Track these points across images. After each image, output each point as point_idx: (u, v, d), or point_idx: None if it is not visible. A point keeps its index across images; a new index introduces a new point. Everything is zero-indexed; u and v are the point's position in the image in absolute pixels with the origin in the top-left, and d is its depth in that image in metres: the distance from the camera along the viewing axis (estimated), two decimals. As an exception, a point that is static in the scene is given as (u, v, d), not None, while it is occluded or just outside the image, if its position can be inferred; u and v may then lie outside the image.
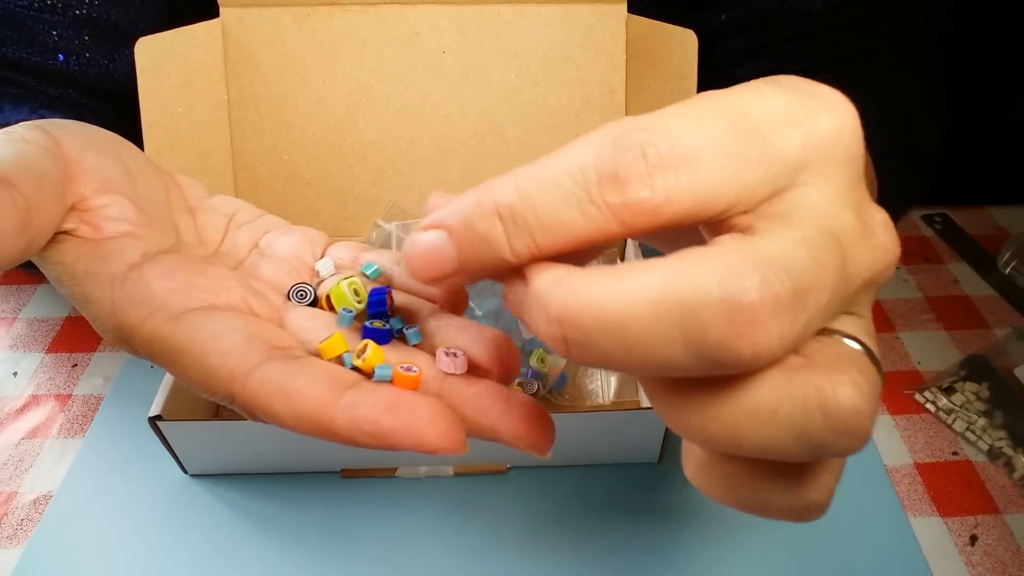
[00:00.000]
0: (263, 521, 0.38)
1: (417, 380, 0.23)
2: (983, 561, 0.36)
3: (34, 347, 0.47)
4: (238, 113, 0.43)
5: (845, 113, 0.18)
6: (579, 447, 0.39)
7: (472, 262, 0.18)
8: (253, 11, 0.41)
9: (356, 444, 0.21)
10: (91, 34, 0.43)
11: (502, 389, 0.23)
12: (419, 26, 0.42)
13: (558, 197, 0.17)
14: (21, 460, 0.41)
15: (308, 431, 0.21)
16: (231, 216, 0.29)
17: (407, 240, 0.19)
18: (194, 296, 0.23)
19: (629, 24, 0.42)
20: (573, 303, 0.16)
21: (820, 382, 0.16)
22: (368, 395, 0.21)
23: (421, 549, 0.36)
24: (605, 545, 0.37)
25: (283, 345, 0.23)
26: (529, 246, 0.17)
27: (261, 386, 0.21)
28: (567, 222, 0.17)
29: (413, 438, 0.20)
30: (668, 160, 0.16)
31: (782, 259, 0.15)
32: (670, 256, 0.16)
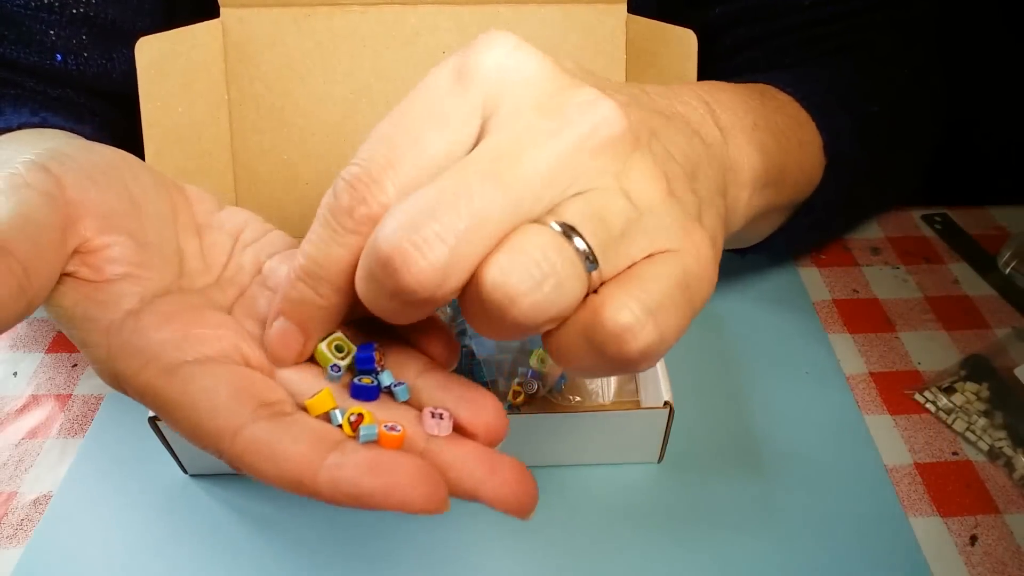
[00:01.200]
0: (263, 521, 0.38)
1: (401, 439, 0.23)
2: (983, 561, 0.36)
3: (34, 347, 0.47)
4: (238, 113, 0.43)
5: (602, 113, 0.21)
6: (579, 447, 0.39)
7: (310, 323, 0.23)
8: (253, 11, 0.41)
9: (338, 504, 0.21)
10: (89, 33, 0.43)
11: (487, 452, 0.23)
12: (419, 26, 0.42)
13: (323, 237, 0.22)
14: (21, 460, 0.41)
15: (292, 491, 0.22)
16: (237, 234, 0.29)
17: (264, 338, 0.24)
18: (187, 348, 0.24)
19: (629, 24, 0.42)
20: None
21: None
22: (350, 456, 0.21)
23: (421, 549, 0.37)
24: (605, 545, 0.37)
25: (272, 400, 0.24)
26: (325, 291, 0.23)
27: (248, 446, 0.22)
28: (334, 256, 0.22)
29: (393, 499, 0.21)
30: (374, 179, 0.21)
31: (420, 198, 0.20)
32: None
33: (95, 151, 0.27)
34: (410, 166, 0.21)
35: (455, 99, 0.21)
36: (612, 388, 0.42)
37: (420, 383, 0.26)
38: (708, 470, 0.40)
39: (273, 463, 0.21)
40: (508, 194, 0.19)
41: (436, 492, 0.21)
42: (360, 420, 0.23)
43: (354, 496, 0.21)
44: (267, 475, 0.21)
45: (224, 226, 0.29)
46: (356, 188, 0.21)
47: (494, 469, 0.23)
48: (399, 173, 0.21)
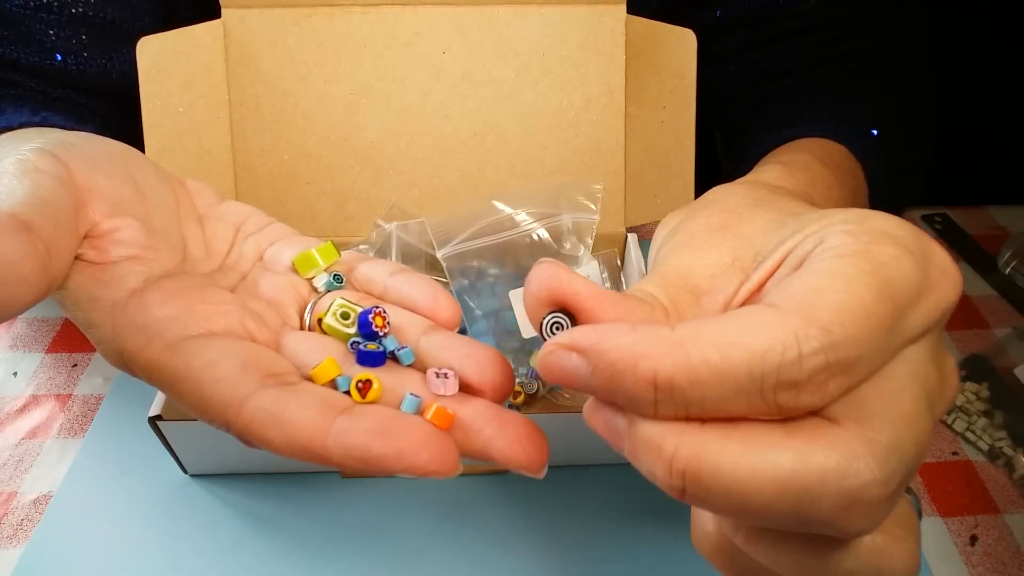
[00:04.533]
0: (263, 521, 0.38)
1: (451, 419, 0.23)
2: (983, 561, 0.36)
3: (34, 347, 0.47)
4: (239, 113, 0.43)
5: (956, 283, 0.19)
6: (579, 447, 0.39)
7: (604, 398, 0.19)
8: (254, 11, 0.41)
9: (350, 469, 0.21)
10: (88, 33, 0.43)
11: (495, 408, 0.23)
12: (419, 26, 0.42)
13: (730, 389, 0.16)
14: (21, 460, 0.41)
15: (302, 458, 0.21)
16: (239, 225, 0.29)
17: (548, 348, 0.19)
18: (192, 323, 0.23)
19: (629, 24, 0.42)
20: (701, 466, 0.17)
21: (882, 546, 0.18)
22: (359, 420, 0.21)
23: (421, 549, 0.36)
24: (605, 545, 0.37)
25: (278, 371, 0.23)
26: (677, 415, 0.17)
27: (255, 415, 0.21)
28: (729, 408, 0.17)
29: (404, 462, 0.21)
30: (843, 367, 0.17)
31: (897, 452, 0.17)
32: (793, 430, 0.17)
33: (99, 141, 0.27)
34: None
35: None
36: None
37: (424, 345, 0.25)
38: (708, 470, 0.40)
39: (281, 431, 0.21)
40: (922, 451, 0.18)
41: (446, 453, 0.21)
42: (368, 386, 0.23)
43: (364, 460, 0.21)
44: (276, 444, 0.21)
45: (225, 217, 0.29)
46: (830, 371, 0.16)
47: (503, 425, 0.22)
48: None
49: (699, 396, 0.17)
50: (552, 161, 0.44)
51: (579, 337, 0.18)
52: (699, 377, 0.16)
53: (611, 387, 0.17)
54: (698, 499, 0.17)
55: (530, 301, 0.21)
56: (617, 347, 0.17)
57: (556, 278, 0.20)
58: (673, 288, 0.22)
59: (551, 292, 0.21)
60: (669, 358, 0.17)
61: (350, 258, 0.29)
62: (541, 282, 0.21)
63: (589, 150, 0.44)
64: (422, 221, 0.42)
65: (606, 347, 0.17)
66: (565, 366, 0.18)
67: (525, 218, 0.42)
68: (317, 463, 0.21)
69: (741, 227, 0.23)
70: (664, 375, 0.17)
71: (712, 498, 0.17)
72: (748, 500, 0.16)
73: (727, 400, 0.17)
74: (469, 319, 0.42)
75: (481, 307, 0.42)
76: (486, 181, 0.44)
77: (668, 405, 0.17)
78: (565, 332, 0.19)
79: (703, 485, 0.17)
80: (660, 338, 0.17)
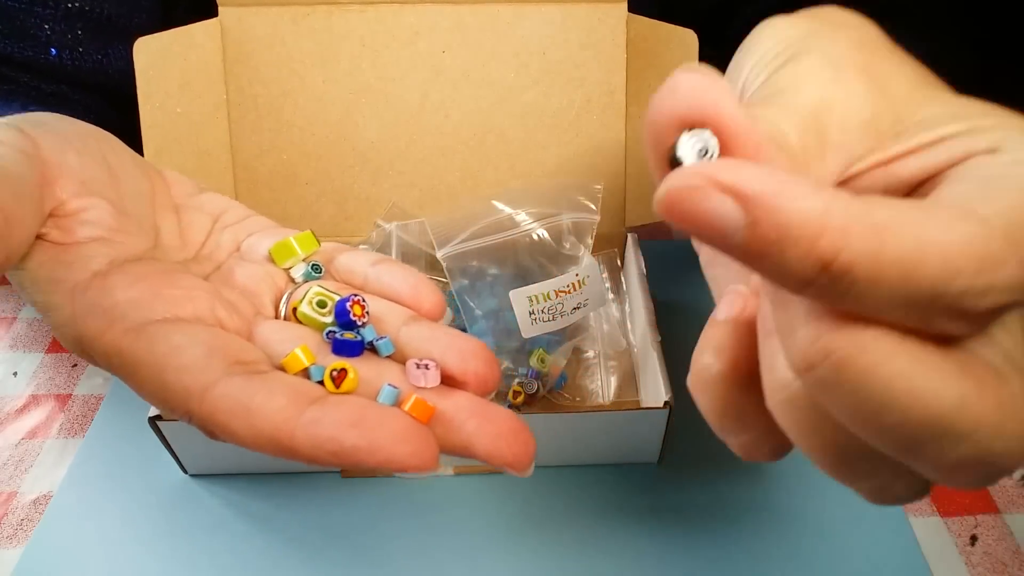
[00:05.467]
0: (263, 521, 0.38)
1: (432, 412, 0.21)
2: (983, 561, 0.36)
3: (34, 347, 0.47)
4: (237, 113, 0.42)
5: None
6: (579, 447, 0.39)
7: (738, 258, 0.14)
8: (252, 10, 0.41)
9: (319, 463, 0.19)
10: (84, 28, 0.43)
11: (479, 401, 0.22)
12: (419, 26, 0.42)
13: (904, 297, 0.14)
14: (21, 460, 0.41)
15: (268, 451, 0.20)
16: (218, 216, 0.28)
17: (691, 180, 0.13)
18: (158, 307, 0.22)
19: (629, 24, 0.42)
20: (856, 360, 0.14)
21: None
22: (332, 411, 0.20)
23: (421, 549, 0.37)
24: (605, 545, 0.37)
25: (247, 359, 0.22)
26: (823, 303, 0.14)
27: (219, 404, 0.20)
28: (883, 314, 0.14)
29: (379, 456, 0.19)
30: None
31: None
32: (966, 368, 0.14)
33: (71, 122, 0.26)
34: None
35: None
36: (612, 388, 0.42)
37: (405, 336, 0.24)
38: (708, 470, 0.40)
39: (247, 421, 0.19)
40: None
41: (425, 448, 0.20)
42: (343, 375, 0.21)
43: (335, 453, 0.19)
44: (241, 435, 0.20)
45: (204, 207, 0.28)
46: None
47: (487, 419, 0.21)
48: None
49: (867, 293, 0.13)
50: (552, 161, 0.44)
51: (746, 179, 0.13)
52: (884, 274, 0.13)
53: (764, 253, 0.13)
54: (823, 385, 0.14)
55: (660, 117, 0.15)
56: (800, 209, 0.13)
57: (703, 89, 0.15)
58: (806, 132, 0.18)
59: (693, 107, 0.15)
60: (861, 242, 0.13)
61: (330, 248, 0.28)
62: (683, 92, 0.15)
63: (589, 150, 0.44)
64: (422, 221, 0.42)
65: (785, 204, 0.13)
66: (710, 209, 0.13)
67: (525, 218, 0.42)
68: (285, 457, 0.20)
69: (885, 79, 0.20)
70: (846, 260, 0.13)
71: (842, 395, 0.14)
72: (884, 418, 0.14)
73: (890, 306, 0.14)
74: (469, 319, 0.42)
75: (481, 307, 0.42)
76: (486, 181, 0.44)
77: (825, 292, 0.14)
78: (719, 164, 0.14)
79: (843, 378, 0.14)
80: (857, 214, 0.13)
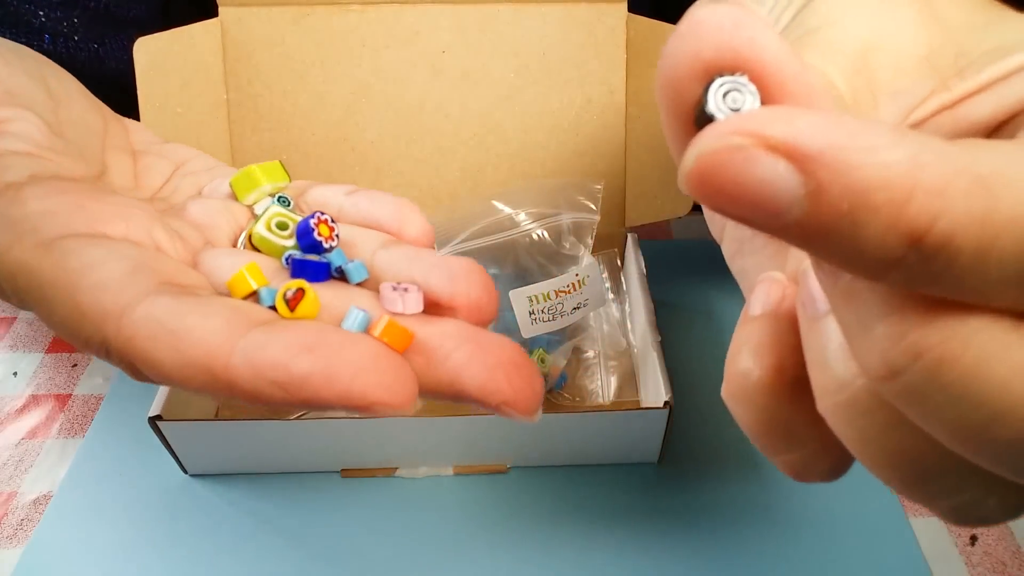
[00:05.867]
0: (263, 521, 0.38)
1: (411, 339, 0.17)
2: (983, 561, 0.36)
3: (34, 347, 0.47)
4: (237, 113, 0.42)
5: None
6: (579, 447, 0.39)
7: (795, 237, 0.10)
8: (252, 10, 0.41)
9: (261, 399, 0.15)
10: (80, 16, 0.42)
11: (470, 328, 0.18)
12: (419, 26, 0.42)
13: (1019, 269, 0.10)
14: (21, 460, 0.41)
15: (198, 384, 0.16)
16: (180, 164, 0.25)
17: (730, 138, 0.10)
18: (78, 221, 0.18)
19: (629, 24, 0.42)
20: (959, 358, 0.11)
21: None
22: (280, 333, 0.16)
23: (421, 549, 0.37)
24: (605, 545, 0.37)
25: (184, 283, 0.18)
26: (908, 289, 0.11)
27: (140, 327, 0.16)
28: (991, 296, 0.11)
29: (336, 385, 0.15)
30: None
31: None
32: None
33: (10, 42, 0.23)
34: None
35: None
36: (612, 388, 0.42)
37: (381, 260, 0.20)
38: (708, 470, 0.40)
39: (173, 346, 0.16)
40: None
41: (398, 378, 0.15)
42: (300, 296, 0.17)
43: (281, 384, 0.15)
44: (165, 365, 0.16)
45: (165, 154, 0.25)
46: None
47: (481, 347, 0.17)
48: None
49: (973, 271, 0.10)
50: (552, 161, 0.44)
51: (805, 129, 0.10)
52: (997, 244, 0.10)
53: (831, 230, 0.10)
54: (914, 394, 0.11)
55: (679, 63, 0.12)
56: (880, 164, 0.09)
57: (735, 23, 0.12)
58: (856, 77, 0.15)
59: (723, 48, 0.12)
60: (966, 202, 0.09)
61: (302, 184, 0.24)
62: (709, 29, 0.12)
63: (589, 150, 0.44)
64: (422, 221, 0.42)
65: (858, 160, 0.09)
66: (757, 178, 0.10)
67: (525, 218, 0.42)
68: (219, 393, 0.16)
69: (938, 3, 0.16)
70: (945, 229, 0.10)
71: (940, 405, 0.11)
72: (998, 430, 0.11)
73: (1001, 286, 0.10)
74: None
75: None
76: (486, 181, 0.44)
77: (914, 275, 0.10)
78: (766, 113, 0.10)
79: (942, 384, 0.11)
80: (957, 164, 0.10)
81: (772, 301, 0.16)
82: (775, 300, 0.16)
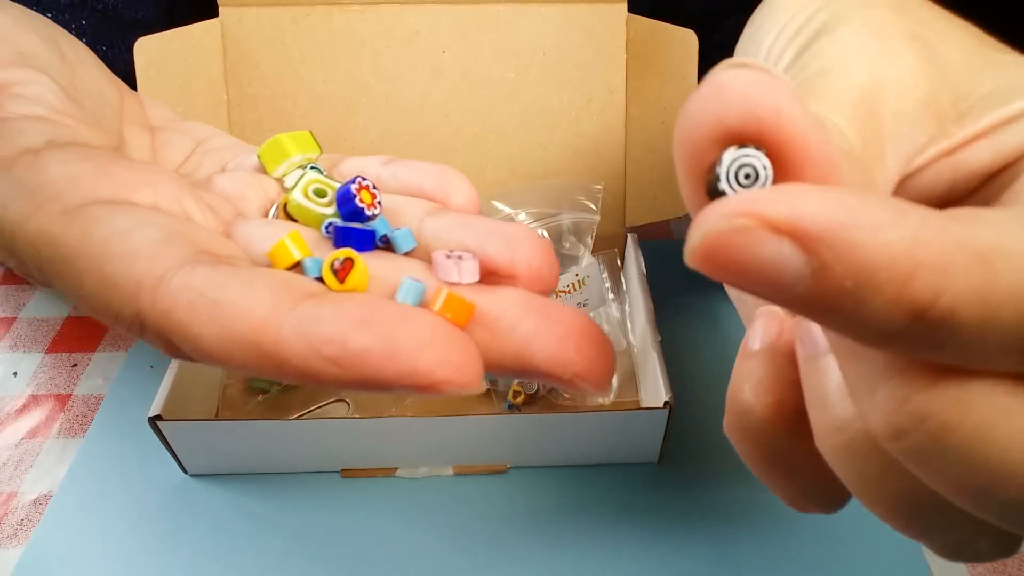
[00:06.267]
0: (263, 521, 0.38)
1: (470, 311, 0.15)
2: (983, 561, 0.36)
3: (34, 347, 0.47)
4: (238, 113, 0.42)
5: None
6: (579, 447, 0.39)
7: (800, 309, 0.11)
8: (252, 11, 0.41)
9: (313, 377, 0.14)
10: (88, 19, 0.42)
11: (535, 297, 0.16)
12: (419, 26, 0.42)
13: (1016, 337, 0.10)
14: (21, 460, 0.41)
15: (244, 360, 0.14)
16: (201, 140, 0.24)
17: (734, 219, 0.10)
18: (104, 187, 0.17)
19: (629, 24, 0.42)
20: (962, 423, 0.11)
21: None
22: (334, 306, 0.14)
23: (421, 549, 0.37)
24: (605, 545, 0.37)
25: (220, 252, 0.17)
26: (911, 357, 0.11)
27: (178, 298, 0.15)
28: (992, 363, 0.11)
29: (399, 362, 0.14)
30: None
31: None
32: None
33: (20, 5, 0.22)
34: None
35: None
36: (612, 388, 0.42)
37: (429, 228, 0.18)
38: (708, 470, 0.40)
39: (215, 320, 0.14)
40: None
41: (463, 354, 0.14)
42: (349, 266, 0.16)
43: (337, 359, 0.14)
44: (205, 339, 0.14)
45: (185, 131, 0.24)
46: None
47: (548, 317, 0.15)
48: None
49: (975, 341, 0.10)
50: (552, 161, 0.44)
51: (807, 211, 0.10)
52: (997, 315, 0.10)
53: (836, 306, 0.10)
54: (919, 456, 0.11)
55: (698, 127, 0.12)
56: (883, 244, 0.10)
57: (761, 89, 0.11)
58: (863, 126, 0.15)
59: (746, 116, 0.11)
60: (967, 278, 0.10)
61: (334, 156, 0.24)
62: (733, 93, 0.11)
63: (589, 150, 0.44)
64: (422, 221, 0.42)
65: (861, 239, 0.10)
66: (761, 259, 0.10)
67: (525, 218, 0.42)
68: (268, 370, 0.14)
69: (936, 45, 0.16)
70: (947, 304, 0.10)
71: (944, 466, 0.11)
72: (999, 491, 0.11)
73: (1002, 353, 0.11)
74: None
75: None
76: (486, 181, 0.44)
77: (917, 344, 0.11)
78: (770, 193, 0.10)
79: (945, 446, 0.11)
80: (957, 240, 0.10)
81: (771, 336, 0.16)
82: (773, 335, 0.16)
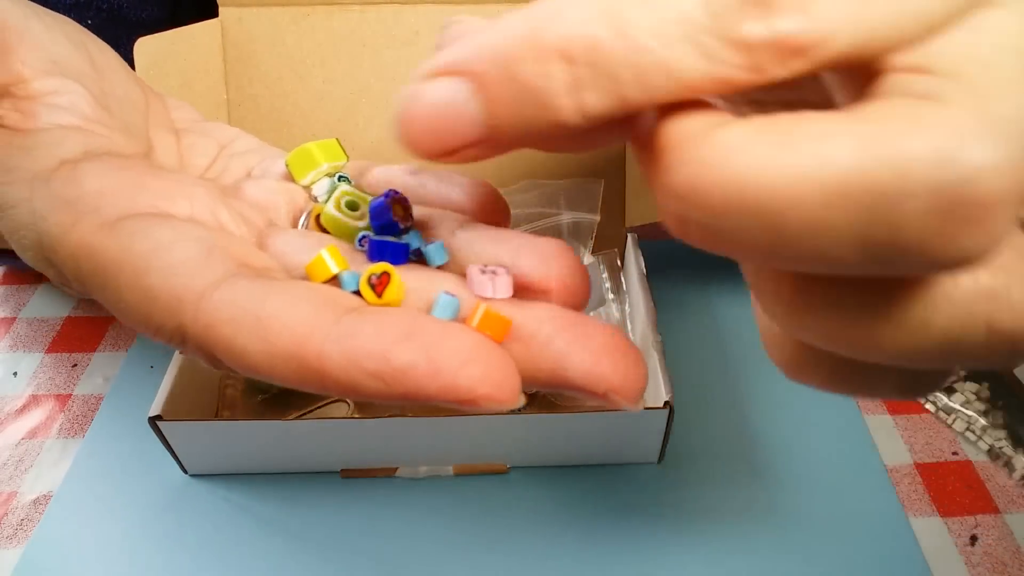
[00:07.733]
0: (263, 521, 0.38)
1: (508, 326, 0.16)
2: (983, 561, 0.36)
3: (34, 347, 0.47)
4: (238, 113, 0.42)
5: None
6: (579, 447, 0.39)
7: (508, 125, 0.12)
8: (252, 11, 0.41)
9: (355, 392, 0.14)
10: (94, 19, 0.42)
11: (568, 313, 0.16)
12: (419, 26, 0.42)
13: (673, 32, 0.11)
14: (21, 460, 0.41)
15: (287, 375, 0.15)
16: (226, 144, 0.24)
17: (404, 94, 0.13)
18: (141, 199, 0.17)
19: (629, 23, 0.42)
20: (707, 168, 0.11)
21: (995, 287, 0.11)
22: (375, 321, 0.15)
23: (421, 549, 0.37)
24: (605, 545, 0.37)
25: (258, 265, 0.17)
26: (608, 102, 0.12)
27: (220, 312, 0.15)
28: (678, 69, 0.11)
29: (442, 378, 0.14)
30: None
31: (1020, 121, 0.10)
32: (852, 113, 0.11)
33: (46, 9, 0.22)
34: None
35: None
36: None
37: (461, 240, 0.19)
38: (708, 470, 0.40)
39: (258, 335, 0.15)
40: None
41: (502, 370, 0.14)
42: (386, 280, 0.17)
43: (380, 374, 0.14)
44: (249, 354, 0.15)
45: (210, 133, 0.24)
46: None
47: (583, 333, 0.16)
48: None
49: (630, 54, 0.11)
50: (552, 161, 0.44)
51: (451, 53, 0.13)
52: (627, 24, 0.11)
53: (509, 95, 0.12)
54: (706, 231, 0.11)
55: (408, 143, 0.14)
56: (501, 29, 0.12)
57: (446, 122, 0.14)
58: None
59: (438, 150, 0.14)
60: (578, 11, 0.11)
61: (361, 163, 0.23)
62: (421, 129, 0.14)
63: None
64: (422, 221, 0.42)
65: (486, 37, 0.12)
66: (438, 102, 0.12)
67: (525, 218, 0.42)
68: (310, 385, 0.15)
69: None
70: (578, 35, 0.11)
71: (724, 224, 0.11)
72: (783, 219, 0.10)
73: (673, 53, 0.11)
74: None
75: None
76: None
77: (592, 88, 0.11)
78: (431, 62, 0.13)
79: (707, 204, 0.11)
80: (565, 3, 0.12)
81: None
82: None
